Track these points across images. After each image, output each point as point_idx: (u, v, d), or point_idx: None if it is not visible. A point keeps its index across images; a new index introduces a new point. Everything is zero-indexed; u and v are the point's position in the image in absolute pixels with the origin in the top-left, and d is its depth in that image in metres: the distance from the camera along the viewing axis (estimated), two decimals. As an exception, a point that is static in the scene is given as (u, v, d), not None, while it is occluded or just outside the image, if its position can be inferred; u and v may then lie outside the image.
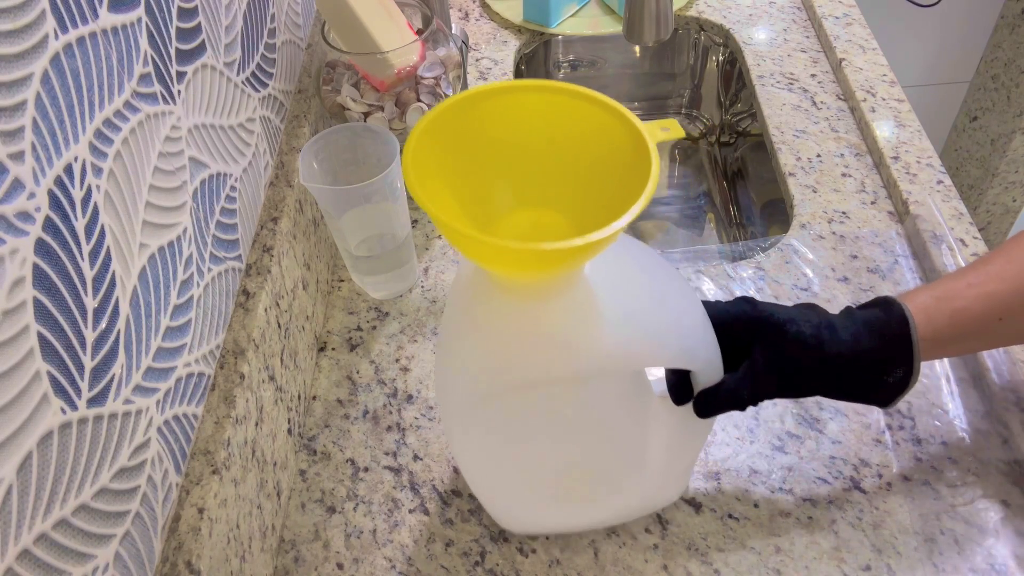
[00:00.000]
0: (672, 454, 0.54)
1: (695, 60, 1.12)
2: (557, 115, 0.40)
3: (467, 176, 0.41)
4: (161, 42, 0.48)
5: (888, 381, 0.49)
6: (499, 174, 0.42)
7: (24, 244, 0.34)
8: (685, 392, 0.51)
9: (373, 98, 0.72)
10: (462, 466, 0.53)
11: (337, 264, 0.78)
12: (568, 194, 0.42)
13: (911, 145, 0.83)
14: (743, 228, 1.02)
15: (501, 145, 0.41)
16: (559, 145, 0.41)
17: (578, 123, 0.40)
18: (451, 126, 0.39)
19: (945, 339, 0.49)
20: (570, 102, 0.40)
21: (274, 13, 0.69)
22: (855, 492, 0.58)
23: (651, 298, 0.45)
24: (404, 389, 0.67)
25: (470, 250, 0.38)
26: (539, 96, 0.40)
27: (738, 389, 0.49)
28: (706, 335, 0.48)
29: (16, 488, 0.33)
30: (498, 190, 0.42)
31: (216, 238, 0.54)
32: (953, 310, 0.49)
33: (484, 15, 1.09)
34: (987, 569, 0.54)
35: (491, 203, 0.42)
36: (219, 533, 0.48)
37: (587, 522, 0.57)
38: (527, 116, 0.41)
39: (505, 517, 0.56)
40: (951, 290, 0.50)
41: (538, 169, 0.42)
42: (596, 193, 0.41)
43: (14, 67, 0.34)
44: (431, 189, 0.37)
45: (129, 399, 0.42)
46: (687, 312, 0.47)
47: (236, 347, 0.54)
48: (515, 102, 0.40)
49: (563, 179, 0.42)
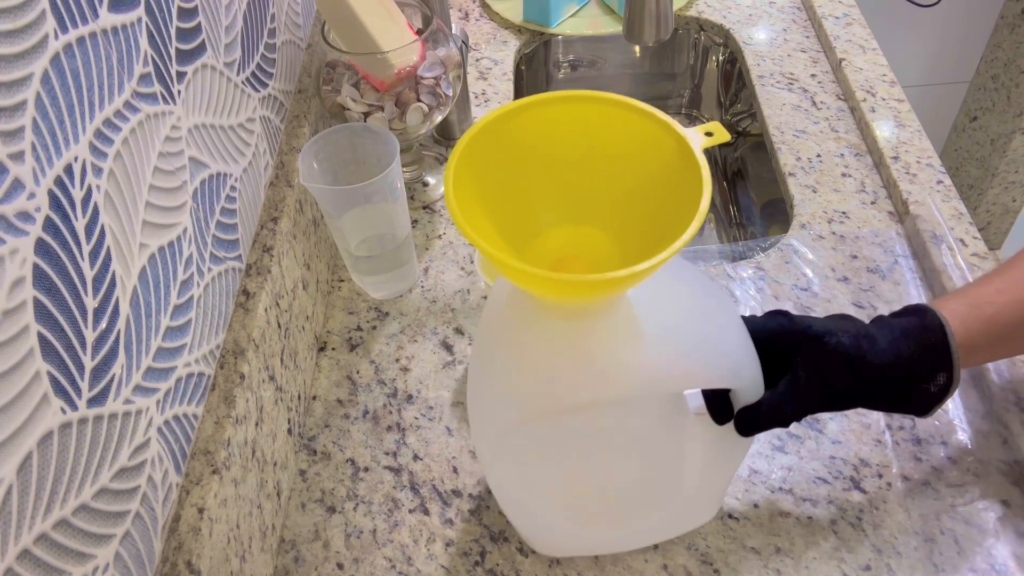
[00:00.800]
0: (709, 473, 0.53)
1: (695, 60, 1.12)
2: (597, 126, 0.39)
3: (506, 192, 0.40)
4: (161, 42, 0.48)
5: (929, 390, 0.49)
6: (538, 189, 0.41)
7: (24, 244, 0.34)
8: (724, 410, 0.50)
9: (373, 98, 0.72)
10: (495, 489, 0.52)
11: (337, 264, 0.78)
12: (610, 208, 0.41)
13: (911, 145, 0.83)
14: (743, 228, 1.02)
15: (540, 159, 0.40)
16: (600, 158, 0.40)
17: (619, 134, 0.39)
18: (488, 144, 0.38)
19: (980, 345, 0.49)
20: (609, 111, 0.39)
21: (274, 13, 0.69)
22: (855, 492, 0.58)
23: (694, 317, 0.44)
24: (404, 389, 0.67)
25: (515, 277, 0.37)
26: (576, 106, 0.39)
27: (780, 405, 0.48)
28: (748, 353, 0.47)
29: (16, 488, 0.33)
30: (538, 205, 0.41)
31: (216, 238, 0.54)
32: (987, 316, 0.49)
33: (484, 15, 1.09)
34: (987, 569, 0.54)
35: (531, 218, 0.41)
36: (219, 533, 0.48)
37: (622, 544, 0.56)
38: (565, 128, 0.39)
39: (538, 540, 0.55)
40: (981, 296, 0.50)
41: (578, 183, 0.41)
42: (638, 207, 0.40)
43: (14, 67, 0.34)
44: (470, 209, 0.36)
45: (129, 399, 0.42)
46: (730, 330, 0.46)
47: (236, 347, 0.54)
48: (551, 114, 0.39)
49: (603, 193, 0.41)
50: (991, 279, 0.51)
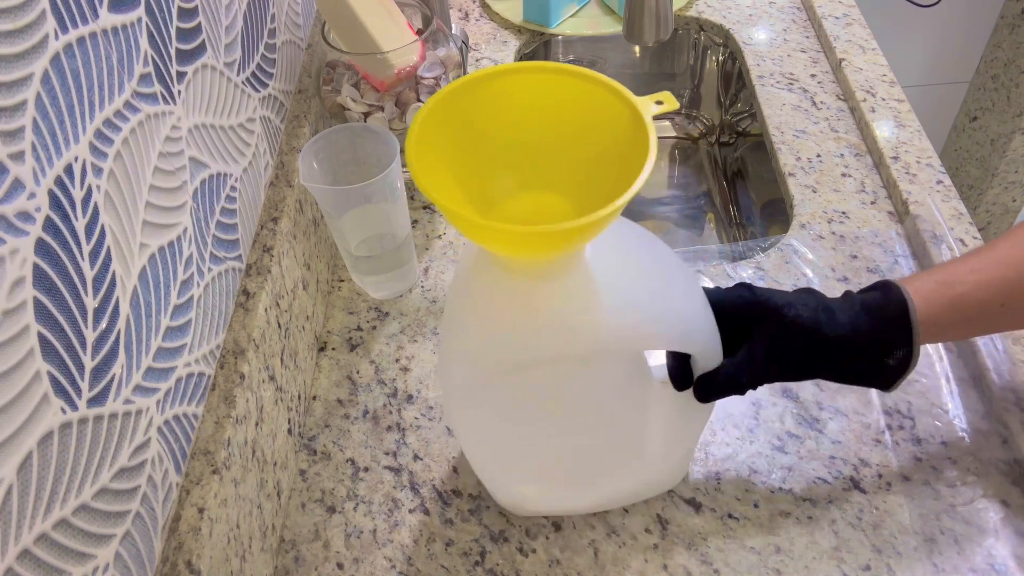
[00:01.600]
0: (672, 439, 0.55)
1: (695, 60, 1.12)
2: (557, 96, 0.41)
3: (470, 159, 0.41)
4: (161, 42, 0.48)
5: (889, 364, 0.49)
6: (501, 157, 0.42)
7: (24, 244, 0.34)
8: (686, 377, 0.51)
9: (373, 98, 0.72)
10: (464, 446, 0.53)
11: (337, 264, 0.78)
12: (570, 175, 0.42)
13: (911, 145, 0.83)
14: (743, 228, 1.02)
15: (502, 128, 0.42)
16: (560, 126, 0.41)
17: (577, 103, 0.41)
18: (452, 111, 0.40)
19: (945, 323, 0.49)
20: (567, 82, 0.40)
21: (274, 13, 0.69)
22: (855, 492, 0.58)
23: (652, 281, 0.46)
24: (404, 389, 0.67)
25: (473, 233, 0.39)
26: (537, 77, 0.41)
27: (737, 373, 0.49)
28: (706, 319, 0.48)
29: (16, 488, 0.33)
30: (500, 173, 0.43)
31: (216, 238, 0.54)
32: (954, 295, 0.49)
33: (484, 15, 1.09)
34: (987, 569, 0.54)
35: (494, 186, 0.43)
36: (219, 533, 0.48)
37: (587, 505, 0.57)
38: (527, 98, 0.41)
39: (506, 498, 0.57)
40: (952, 275, 0.50)
41: (540, 151, 0.42)
42: (598, 173, 0.41)
43: (14, 67, 0.34)
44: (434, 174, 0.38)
45: (129, 399, 0.42)
46: (687, 296, 0.47)
47: (236, 347, 0.54)
48: (514, 84, 0.41)
49: (565, 160, 0.42)
50: (967, 258, 0.51)
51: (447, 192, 0.39)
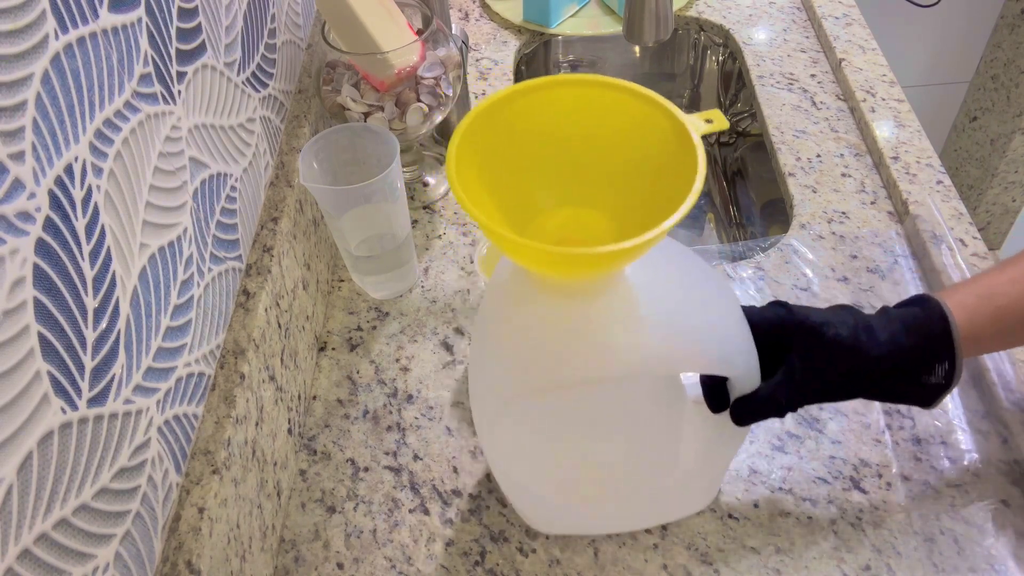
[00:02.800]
0: (704, 460, 0.53)
1: (695, 60, 1.12)
2: (596, 110, 0.40)
3: (506, 174, 0.40)
4: (161, 42, 0.48)
5: (931, 381, 0.48)
6: (538, 171, 0.41)
7: (24, 244, 0.34)
8: (721, 398, 0.50)
9: (373, 98, 0.72)
10: (493, 465, 0.52)
11: (337, 264, 0.78)
12: (608, 191, 0.41)
13: (911, 145, 0.83)
14: (743, 228, 1.02)
15: (539, 142, 0.41)
16: (598, 141, 0.40)
17: (618, 118, 0.39)
18: (489, 126, 0.39)
19: (986, 336, 0.48)
20: (609, 95, 0.39)
21: (274, 13, 0.69)
22: (855, 492, 0.58)
23: (692, 301, 0.44)
24: (404, 389, 0.67)
25: (514, 252, 0.38)
26: (577, 91, 0.40)
27: (776, 396, 0.47)
28: (745, 341, 0.47)
29: (16, 488, 0.33)
30: (537, 187, 0.42)
31: (216, 238, 0.54)
32: (996, 308, 0.48)
33: (484, 15, 1.09)
34: (987, 569, 0.54)
35: (531, 201, 0.42)
36: (219, 533, 0.48)
37: (616, 525, 0.57)
38: (565, 112, 0.40)
39: (534, 517, 0.56)
40: (992, 287, 0.49)
41: (577, 166, 0.41)
42: (637, 189, 0.40)
43: (14, 67, 0.34)
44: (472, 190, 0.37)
45: (129, 399, 0.42)
46: (728, 317, 0.46)
47: (236, 347, 0.54)
48: (552, 98, 0.40)
49: (603, 176, 0.41)
50: (1005, 268, 0.50)
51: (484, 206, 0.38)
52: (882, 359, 0.47)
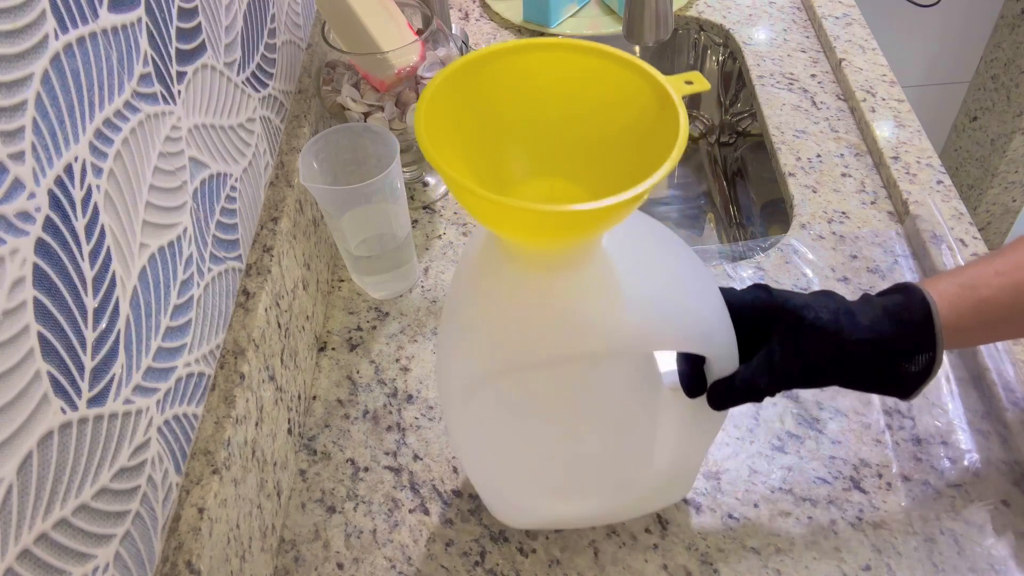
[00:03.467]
0: (681, 449, 0.52)
1: (695, 60, 1.12)
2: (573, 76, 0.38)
3: (480, 141, 0.38)
4: (161, 42, 0.48)
5: (911, 370, 0.47)
6: (513, 139, 0.39)
7: (24, 244, 0.34)
8: (698, 383, 0.49)
9: (373, 98, 0.72)
10: (459, 452, 0.50)
11: (337, 264, 0.78)
12: (587, 161, 0.39)
13: (911, 145, 0.83)
14: (743, 228, 1.02)
15: (515, 108, 0.39)
16: (576, 108, 0.39)
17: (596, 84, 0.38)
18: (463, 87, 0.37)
19: (969, 327, 0.47)
20: (586, 60, 0.38)
21: (274, 13, 0.69)
22: (855, 492, 0.58)
23: (670, 277, 0.43)
24: (404, 389, 0.67)
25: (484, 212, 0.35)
26: (553, 55, 0.38)
27: (755, 379, 0.47)
28: (723, 321, 0.46)
29: (16, 488, 0.33)
30: (512, 156, 0.40)
31: (216, 238, 0.54)
32: (979, 299, 0.47)
33: (484, 15, 1.09)
34: (987, 569, 0.54)
35: (505, 170, 0.40)
36: (219, 533, 0.48)
37: (589, 518, 0.55)
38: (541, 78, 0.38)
39: (505, 510, 0.54)
40: (976, 278, 0.48)
41: (554, 135, 0.39)
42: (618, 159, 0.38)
43: (14, 67, 0.34)
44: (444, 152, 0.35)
45: (129, 399, 0.42)
46: (705, 295, 0.45)
47: (236, 347, 0.54)
48: (528, 62, 0.38)
49: (581, 145, 0.39)
50: (991, 260, 0.49)
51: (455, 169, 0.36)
52: (862, 344, 0.46)
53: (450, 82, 0.37)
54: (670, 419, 0.51)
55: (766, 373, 0.47)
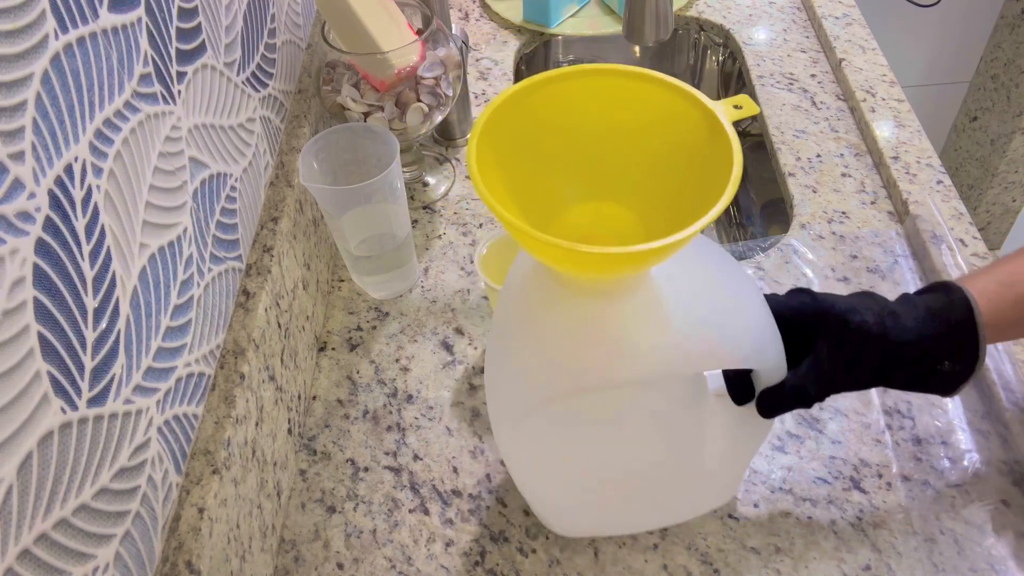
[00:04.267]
0: (728, 454, 0.52)
1: (695, 60, 1.12)
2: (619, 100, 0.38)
3: (527, 168, 0.39)
4: (161, 42, 0.48)
5: (954, 368, 0.48)
6: (560, 165, 0.40)
7: (24, 244, 0.34)
8: (746, 391, 0.49)
9: (373, 98, 0.72)
10: (512, 469, 0.51)
11: (337, 264, 0.78)
12: (634, 185, 0.40)
13: (911, 145, 0.83)
14: (743, 228, 1.02)
15: (561, 135, 0.39)
16: (622, 133, 0.39)
17: (642, 108, 0.38)
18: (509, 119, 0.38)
19: (1007, 323, 0.48)
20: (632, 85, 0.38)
21: (274, 13, 0.69)
22: (855, 492, 0.58)
23: (717, 296, 0.43)
24: (404, 389, 0.67)
25: (541, 252, 0.36)
26: (599, 81, 0.38)
27: (804, 385, 0.47)
28: (772, 333, 0.46)
29: (16, 488, 0.33)
30: (560, 182, 0.40)
31: (216, 238, 0.54)
32: (1017, 295, 0.47)
33: (484, 15, 1.09)
34: (987, 569, 0.54)
35: (553, 196, 0.40)
36: (219, 533, 0.48)
37: (640, 525, 0.56)
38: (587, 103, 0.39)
39: (556, 521, 0.55)
40: (1013, 274, 0.48)
41: (600, 159, 0.40)
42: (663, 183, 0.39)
43: (14, 67, 0.34)
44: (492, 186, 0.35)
45: (129, 399, 0.42)
46: (754, 310, 0.45)
47: (236, 347, 0.54)
48: (573, 89, 0.38)
49: (627, 169, 0.40)
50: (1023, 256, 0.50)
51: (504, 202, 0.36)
52: (909, 345, 0.47)
53: (500, 112, 0.37)
54: (718, 426, 0.51)
55: (815, 379, 0.47)
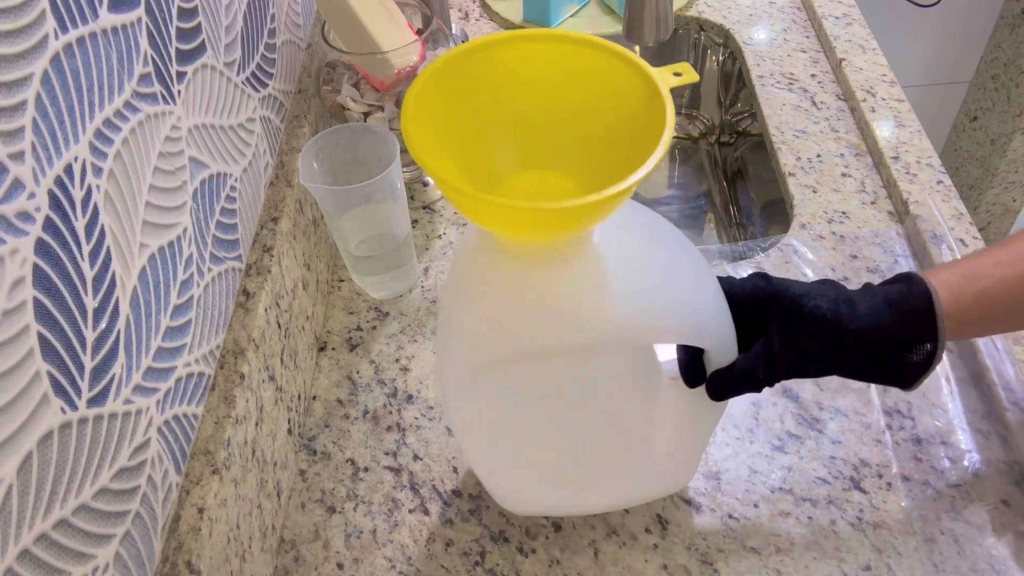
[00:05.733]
0: (681, 438, 0.52)
1: (695, 60, 1.12)
2: (563, 67, 0.38)
3: (469, 134, 0.39)
4: (161, 42, 0.48)
5: (912, 360, 0.47)
6: (503, 132, 0.39)
7: (24, 244, 0.34)
8: (698, 373, 0.49)
9: (373, 98, 0.72)
10: (461, 440, 0.51)
11: (337, 264, 0.78)
12: (576, 153, 0.39)
13: (911, 145, 0.83)
14: (743, 228, 1.02)
15: (505, 101, 0.39)
16: (566, 100, 0.39)
17: (587, 75, 0.38)
18: (451, 81, 0.37)
19: (970, 318, 0.47)
20: (576, 51, 0.37)
21: (274, 13, 0.69)
22: (855, 492, 0.58)
23: (665, 269, 0.43)
24: (404, 389, 0.67)
25: (474, 210, 0.36)
26: (542, 47, 0.38)
27: (753, 369, 0.46)
28: (720, 311, 0.45)
29: (16, 488, 0.33)
30: (502, 149, 0.40)
31: (216, 238, 0.54)
32: (980, 289, 0.46)
33: (484, 15, 1.09)
34: (987, 569, 0.54)
35: (495, 163, 0.40)
36: (219, 533, 0.48)
37: (590, 506, 0.55)
38: (532, 69, 0.38)
39: (505, 496, 0.55)
40: (978, 268, 0.47)
41: (544, 127, 0.39)
42: (607, 151, 0.38)
43: (14, 67, 0.34)
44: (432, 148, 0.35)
45: (129, 399, 0.42)
46: (702, 286, 0.44)
47: (236, 347, 0.54)
48: (518, 53, 0.38)
49: (571, 137, 0.39)
50: (992, 251, 0.49)
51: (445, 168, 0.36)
52: (862, 333, 0.46)
53: (438, 76, 0.36)
54: (670, 408, 0.51)
55: (765, 363, 0.46)
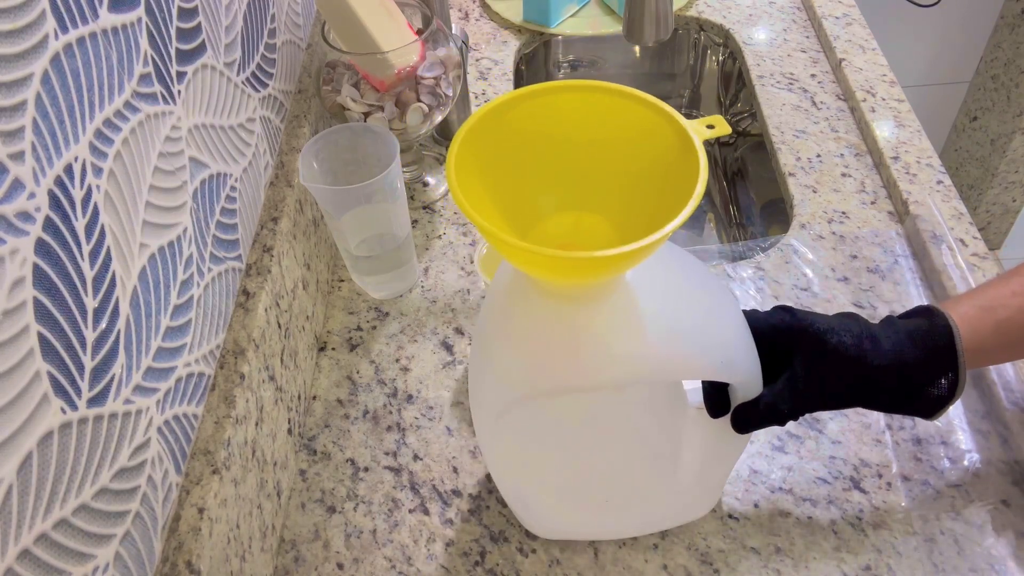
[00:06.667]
0: (705, 467, 0.53)
1: (695, 60, 1.12)
2: (599, 115, 0.40)
3: (508, 178, 0.40)
4: (161, 42, 0.48)
5: (934, 393, 0.48)
6: (540, 176, 0.41)
7: (24, 244, 0.34)
8: (722, 404, 0.49)
9: (373, 98, 0.72)
10: (492, 470, 0.53)
11: (337, 264, 0.78)
12: (611, 196, 0.41)
13: (911, 145, 0.83)
14: (743, 228, 1.02)
15: (543, 147, 0.41)
16: (601, 146, 0.41)
17: (621, 123, 0.40)
18: (492, 130, 0.39)
19: (989, 349, 0.48)
20: (612, 101, 0.39)
21: (274, 13, 0.69)
22: (855, 492, 0.58)
23: (694, 307, 0.44)
24: (404, 389, 0.67)
25: (513, 256, 0.37)
26: (580, 96, 0.40)
27: (777, 403, 0.47)
28: (747, 348, 0.46)
29: (16, 488, 0.33)
30: (539, 192, 0.42)
31: (216, 238, 0.54)
32: (998, 320, 0.48)
33: (484, 15, 1.09)
34: (987, 569, 0.54)
35: (532, 205, 0.42)
36: (219, 533, 0.48)
37: (616, 531, 0.56)
38: (568, 117, 0.40)
39: (534, 522, 0.56)
40: (994, 299, 0.49)
41: (580, 171, 0.41)
42: (640, 195, 0.40)
43: (14, 67, 0.34)
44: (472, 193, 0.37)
45: (129, 399, 0.42)
46: (729, 323, 0.46)
47: (236, 347, 0.54)
48: (555, 103, 0.40)
49: (605, 181, 0.41)
50: (1008, 280, 0.50)
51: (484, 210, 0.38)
52: (886, 369, 0.47)
53: (482, 124, 0.39)
54: (695, 438, 0.52)
55: (789, 398, 0.47)
